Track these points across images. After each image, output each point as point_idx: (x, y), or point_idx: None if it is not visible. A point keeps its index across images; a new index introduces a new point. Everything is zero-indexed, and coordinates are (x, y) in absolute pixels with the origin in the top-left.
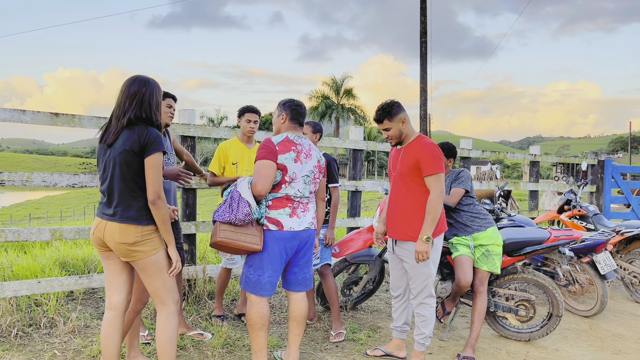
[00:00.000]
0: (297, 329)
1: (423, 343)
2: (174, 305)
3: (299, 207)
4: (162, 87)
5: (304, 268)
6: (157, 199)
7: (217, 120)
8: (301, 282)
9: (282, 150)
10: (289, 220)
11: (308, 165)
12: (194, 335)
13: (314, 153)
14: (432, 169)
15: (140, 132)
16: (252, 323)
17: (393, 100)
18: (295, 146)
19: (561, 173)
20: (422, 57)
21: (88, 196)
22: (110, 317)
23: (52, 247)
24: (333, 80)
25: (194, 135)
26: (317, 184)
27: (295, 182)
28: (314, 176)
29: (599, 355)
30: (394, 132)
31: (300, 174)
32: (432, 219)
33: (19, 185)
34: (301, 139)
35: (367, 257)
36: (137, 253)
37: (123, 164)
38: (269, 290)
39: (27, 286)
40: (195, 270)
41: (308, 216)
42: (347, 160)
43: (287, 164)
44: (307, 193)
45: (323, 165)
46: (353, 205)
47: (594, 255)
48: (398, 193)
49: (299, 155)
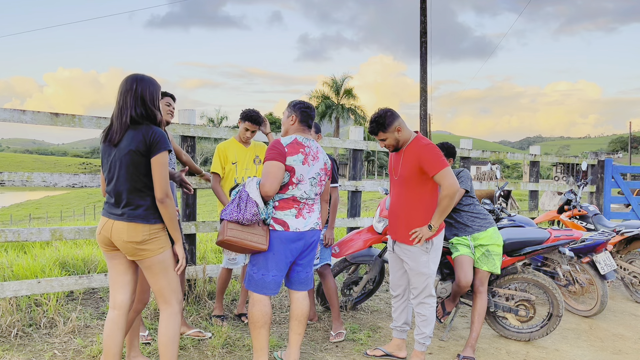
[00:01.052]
0: (298, 328)
1: (423, 343)
2: (177, 305)
3: (304, 208)
4: (162, 87)
5: (306, 267)
6: (165, 197)
7: (217, 120)
8: (303, 281)
9: (291, 152)
10: (295, 221)
11: (315, 167)
12: (194, 334)
13: (321, 155)
14: (437, 168)
15: (146, 131)
16: (254, 321)
17: (385, 110)
18: (304, 148)
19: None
20: (422, 57)
21: (88, 196)
22: (114, 317)
23: (52, 247)
24: (333, 80)
25: (194, 135)
26: (323, 186)
27: (302, 183)
28: (320, 178)
29: (599, 355)
30: (390, 141)
31: (307, 176)
32: (442, 210)
33: (19, 185)
34: (309, 142)
35: (367, 257)
36: (145, 252)
37: (130, 164)
38: (272, 290)
39: (27, 286)
40: (195, 270)
41: (313, 217)
42: (347, 160)
43: (295, 165)
44: (312, 195)
45: (329, 167)
46: (353, 205)
47: (594, 255)
48: (400, 195)
49: (307, 158)
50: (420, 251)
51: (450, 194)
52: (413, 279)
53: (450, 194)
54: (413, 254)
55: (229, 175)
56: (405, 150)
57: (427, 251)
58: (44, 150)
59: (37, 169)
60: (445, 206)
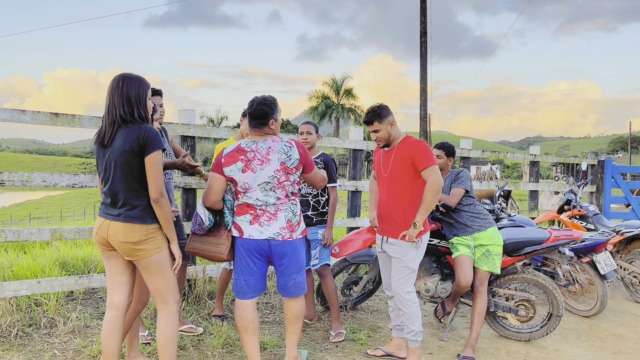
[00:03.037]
0: (290, 327)
1: (416, 339)
2: (175, 305)
3: (263, 215)
4: (162, 87)
5: (283, 275)
6: (159, 197)
7: (217, 120)
8: (283, 288)
9: (228, 162)
10: (249, 228)
11: (265, 172)
12: (186, 330)
13: (276, 156)
14: (426, 163)
15: (138, 131)
16: (236, 325)
17: (382, 104)
18: (245, 154)
19: (561, 173)
20: (422, 57)
21: (88, 196)
22: (111, 317)
23: (52, 247)
24: (333, 80)
25: (194, 135)
26: (289, 186)
27: (251, 191)
28: (277, 181)
29: (599, 355)
30: (382, 134)
31: (255, 183)
32: (426, 207)
33: (19, 185)
34: (256, 144)
35: (367, 257)
36: (141, 252)
37: (124, 165)
38: (245, 293)
39: (27, 286)
40: (195, 270)
41: (274, 226)
42: (347, 160)
43: (234, 175)
44: (272, 200)
45: (293, 164)
46: (353, 205)
47: (594, 255)
48: (390, 192)
49: (250, 164)
50: (409, 246)
51: (435, 190)
52: (395, 273)
53: (435, 190)
54: (402, 249)
55: None
56: (397, 147)
57: (417, 247)
58: (44, 150)
59: (37, 169)
60: (430, 202)
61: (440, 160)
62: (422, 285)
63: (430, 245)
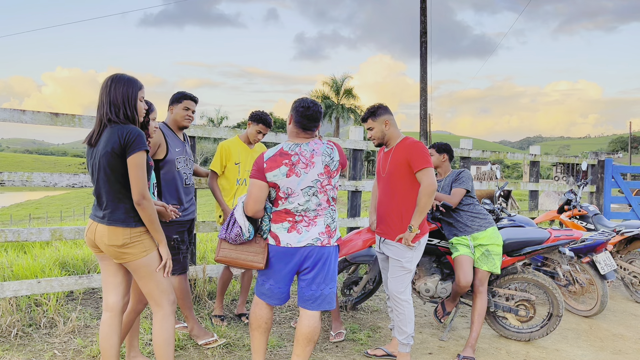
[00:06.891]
0: (297, 349)
1: (407, 343)
2: (169, 306)
3: (302, 221)
4: (161, 87)
5: (310, 284)
6: (142, 199)
7: (217, 120)
8: (308, 299)
9: (271, 167)
10: (286, 236)
11: (309, 175)
12: (179, 328)
13: (320, 158)
14: (421, 164)
15: (120, 131)
16: (250, 322)
17: (381, 104)
18: (289, 158)
19: (561, 173)
20: (422, 57)
21: (88, 196)
22: (107, 319)
23: (52, 247)
24: (333, 80)
25: (194, 135)
26: (330, 190)
27: (294, 196)
28: (320, 185)
29: (599, 355)
30: (376, 132)
31: (298, 188)
32: (421, 210)
33: (19, 185)
34: (300, 147)
35: (367, 257)
36: (127, 255)
37: (107, 166)
38: (269, 297)
39: (27, 286)
40: (195, 270)
41: (313, 231)
42: (347, 160)
43: (277, 180)
44: (313, 205)
45: (335, 166)
46: (353, 205)
47: (594, 255)
48: (387, 192)
49: (294, 168)
50: (406, 247)
51: (429, 192)
52: (392, 272)
53: (429, 192)
54: (399, 251)
55: (231, 176)
56: (395, 148)
57: (414, 248)
58: (43, 150)
59: (37, 169)
60: (424, 205)
61: (432, 158)
62: (422, 285)
63: (430, 245)
